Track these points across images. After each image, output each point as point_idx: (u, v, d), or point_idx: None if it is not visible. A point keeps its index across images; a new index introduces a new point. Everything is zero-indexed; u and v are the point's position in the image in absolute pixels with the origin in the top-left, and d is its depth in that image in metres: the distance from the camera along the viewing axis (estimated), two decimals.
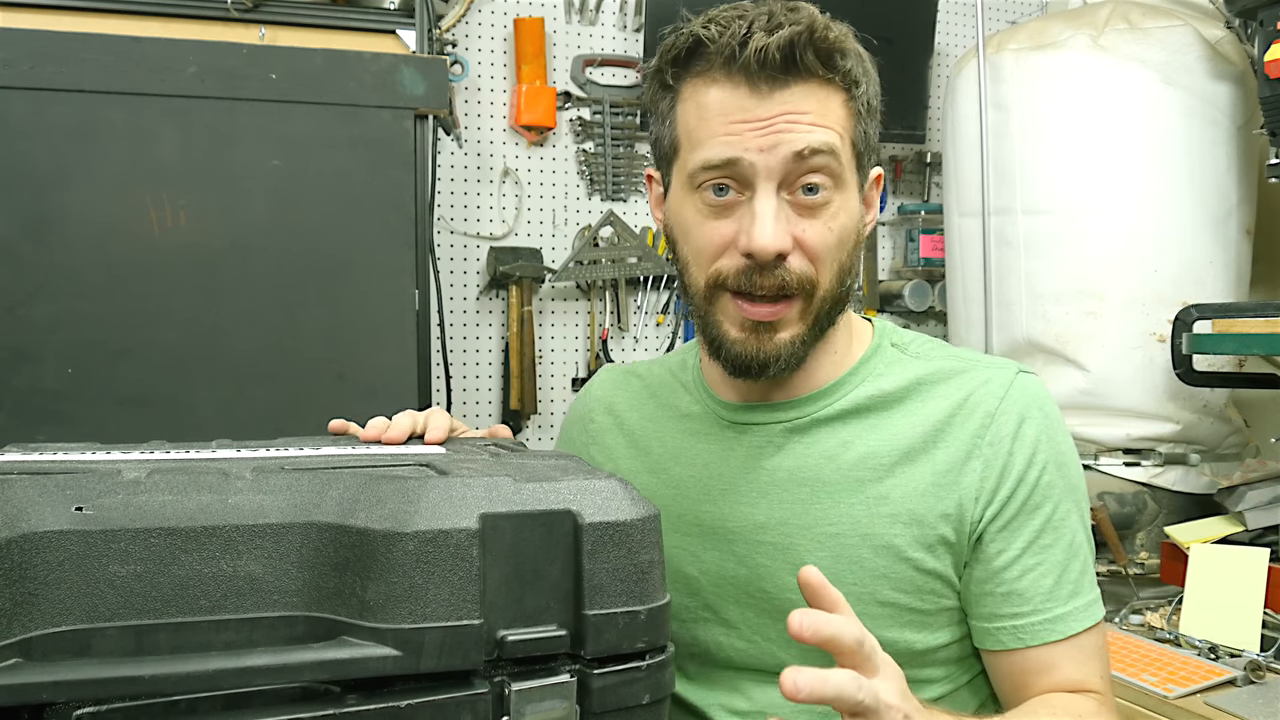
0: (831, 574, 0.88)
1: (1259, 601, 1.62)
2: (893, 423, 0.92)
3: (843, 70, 0.86)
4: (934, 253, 2.63)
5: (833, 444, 0.93)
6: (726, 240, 0.86)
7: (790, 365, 0.89)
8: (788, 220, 0.85)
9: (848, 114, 0.87)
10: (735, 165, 0.84)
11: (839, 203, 0.87)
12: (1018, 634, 0.89)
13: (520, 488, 0.63)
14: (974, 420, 0.90)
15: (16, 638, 0.53)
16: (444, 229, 2.41)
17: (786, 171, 0.84)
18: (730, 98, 0.85)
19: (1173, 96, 1.98)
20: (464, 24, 2.42)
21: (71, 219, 1.56)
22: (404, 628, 0.57)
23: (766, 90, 0.84)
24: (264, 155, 1.63)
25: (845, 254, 0.89)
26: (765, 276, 0.85)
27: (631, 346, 2.57)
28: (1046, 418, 0.92)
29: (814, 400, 0.95)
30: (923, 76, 2.65)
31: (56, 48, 1.54)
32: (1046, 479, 0.90)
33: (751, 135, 0.84)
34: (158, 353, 1.59)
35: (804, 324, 0.88)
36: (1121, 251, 2.00)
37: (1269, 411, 2.20)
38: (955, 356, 0.97)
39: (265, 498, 0.60)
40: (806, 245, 0.86)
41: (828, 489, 0.91)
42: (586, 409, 1.12)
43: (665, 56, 0.89)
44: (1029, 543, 0.89)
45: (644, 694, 0.64)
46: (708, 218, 0.87)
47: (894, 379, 0.94)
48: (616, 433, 1.07)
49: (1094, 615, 0.91)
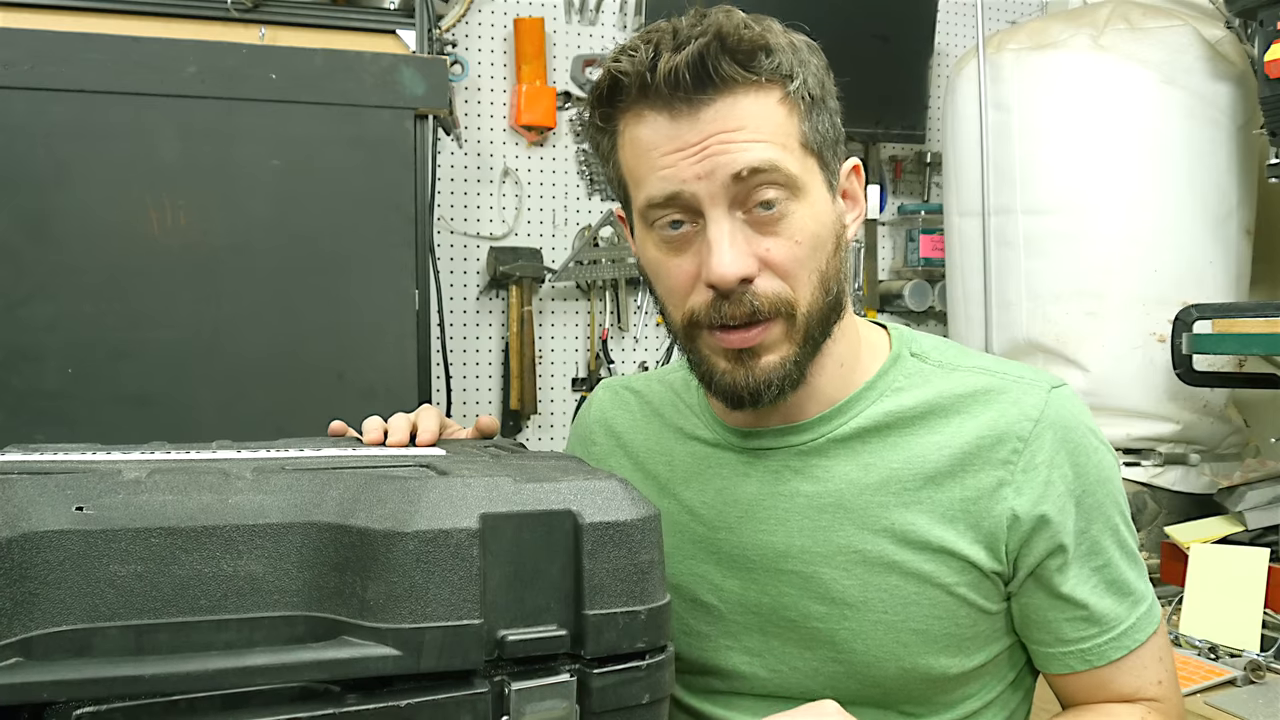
0: (860, 601, 0.87)
1: (1259, 601, 1.62)
2: (917, 442, 0.87)
3: (769, 69, 0.79)
4: (934, 253, 2.63)
5: (852, 467, 0.88)
6: (691, 276, 0.82)
7: (786, 388, 0.84)
8: (747, 241, 0.80)
9: (787, 113, 0.81)
10: (678, 198, 0.80)
11: (801, 211, 0.81)
12: (1085, 656, 0.88)
13: (520, 488, 0.63)
14: (1005, 446, 0.86)
15: (17, 637, 0.53)
16: (444, 229, 2.41)
17: (733, 194, 0.79)
18: (657, 129, 0.80)
19: (1173, 96, 1.98)
20: (464, 24, 2.42)
21: (71, 219, 1.56)
22: (404, 627, 0.57)
23: (689, 112, 0.78)
24: (264, 155, 1.63)
25: (822, 262, 0.83)
26: (734, 305, 0.80)
27: (631, 346, 2.57)
28: (1082, 436, 0.88)
29: (827, 420, 0.89)
30: (923, 76, 2.65)
31: (56, 48, 1.54)
32: (1091, 500, 0.87)
33: (686, 164, 0.79)
34: (158, 353, 1.59)
35: (792, 344, 0.83)
36: (1121, 251, 2.00)
37: (1269, 411, 2.19)
38: (982, 369, 0.91)
39: (266, 498, 0.60)
40: (774, 263, 0.80)
41: (850, 515, 0.87)
42: (587, 431, 1.08)
43: (591, 98, 0.85)
44: (1084, 565, 0.87)
45: (644, 694, 0.64)
46: (668, 255, 0.83)
47: (916, 394, 0.89)
48: (620, 455, 1.02)
49: (1154, 619, 0.90)
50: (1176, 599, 1.73)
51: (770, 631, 0.90)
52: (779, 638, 0.90)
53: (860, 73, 0.91)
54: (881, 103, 2.57)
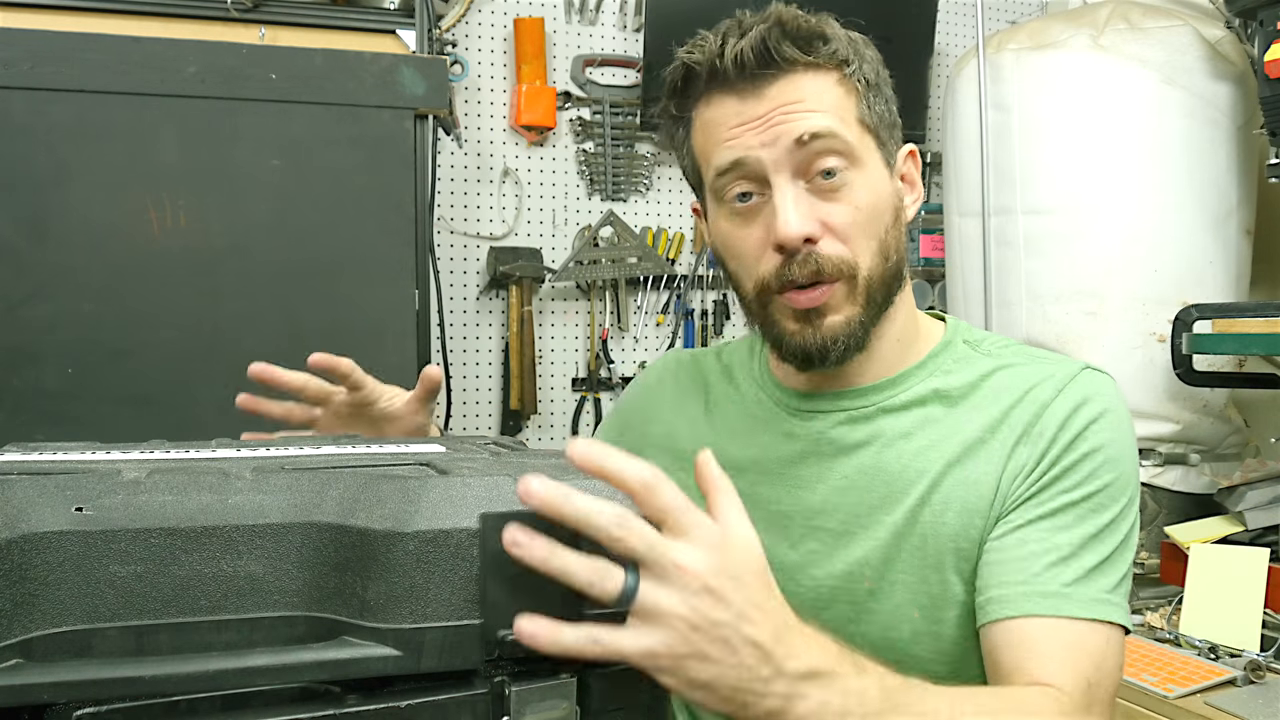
0: (883, 563, 0.90)
1: (1259, 601, 1.62)
2: (958, 416, 0.92)
3: (826, 53, 0.87)
4: (934, 253, 2.63)
5: (895, 434, 0.93)
6: (760, 242, 0.88)
7: (851, 347, 0.89)
8: (811, 207, 0.86)
9: (845, 92, 0.88)
10: (744, 165, 0.87)
11: (860, 181, 0.88)
12: (1002, 604, 0.83)
13: None
14: (1030, 409, 0.90)
15: (17, 638, 0.53)
16: (444, 229, 2.41)
17: (796, 161, 0.86)
18: (725, 108, 0.88)
19: (1173, 96, 1.98)
20: (464, 24, 2.42)
21: (71, 219, 1.56)
22: (404, 628, 0.57)
23: (754, 90, 0.86)
24: (264, 155, 1.63)
25: (882, 230, 0.89)
26: (801, 265, 0.86)
27: (631, 346, 2.57)
28: (1104, 410, 0.89)
29: (879, 390, 0.95)
30: (923, 76, 2.65)
31: (56, 48, 1.54)
32: (1088, 465, 0.86)
33: (751, 134, 0.86)
34: (158, 353, 1.59)
35: (855, 305, 0.88)
36: (1121, 251, 2.00)
37: (1269, 411, 2.20)
38: (1028, 355, 0.96)
39: (265, 497, 0.60)
40: (835, 228, 0.87)
41: (886, 478, 0.91)
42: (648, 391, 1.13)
43: (666, 92, 0.93)
44: (1040, 518, 0.85)
45: (644, 694, 0.64)
46: (739, 226, 0.90)
47: (963, 375, 0.94)
48: (675, 419, 1.07)
49: (1100, 612, 0.82)
50: (1176, 599, 1.73)
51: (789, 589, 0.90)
52: (797, 596, 0.91)
53: None
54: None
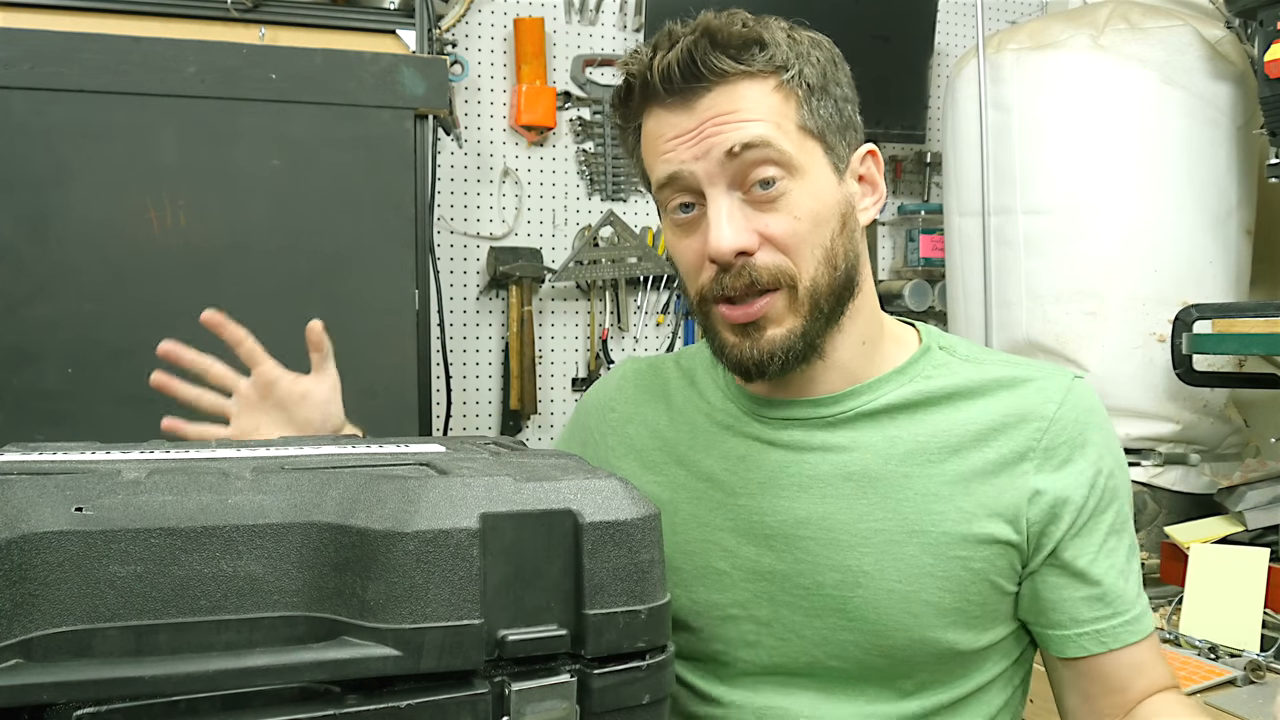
0: (875, 570, 0.89)
1: (1259, 601, 1.62)
2: (941, 418, 0.91)
3: (761, 59, 0.85)
4: (934, 253, 2.63)
5: (878, 439, 0.91)
6: (700, 254, 0.87)
7: (792, 360, 0.87)
8: (746, 218, 0.85)
9: (783, 99, 0.86)
10: (679, 179, 0.87)
11: (800, 189, 0.85)
12: (1100, 638, 0.90)
13: (520, 487, 0.63)
14: (1029, 424, 0.90)
15: (17, 638, 0.53)
16: (444, 229, 2.41)
17: (730, 173, 0.85)
18: (661, 121, 0.88)
19: (1173, 96, 1.98)
20: (464, 24, 2.42)
21: (71, 219, 1.56)
22: (404, 628, 0.57)
23: (683, 104, 0.86)
24: (264, 155, 1.63)
25: (826, 238, 0.87)
26: (734, 277, 0.85)
27: (631, 346, 2.57)
28: (1103, 424, 0.93)
29: (857, 395, 0.93)
30: (923, 76, 2.65)
31: (56, 48, 1.54)
32: (1111, 483, 0.91)
33: (684, 148, 0.86)
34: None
35: (797, 316, 0.86)
36: (1121, 251, 2.00)
37: (1269, 411, 2.19)
38: (1008, 363, 0.96)
39: (265, 498, 0.60)
40: (774, 238, 0.85)
41: (873, 484, 0.90)
42: (607, 397, 1.09)
43: (611, 104, 0.93)
44: (1101, 545, 0.90)
45: (644, 694, 0.64)
46: (680, 237, 0.90)
47: (943, 380, 0.93)
48: (639, 422, 1.04)
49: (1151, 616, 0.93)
50: (1176, 599, 1.73)
51: (780, 600, 0.92)
52: (789, 606, 0.91)
53: (860, 73, 0.94)
54: (881, 103, 2.58)
